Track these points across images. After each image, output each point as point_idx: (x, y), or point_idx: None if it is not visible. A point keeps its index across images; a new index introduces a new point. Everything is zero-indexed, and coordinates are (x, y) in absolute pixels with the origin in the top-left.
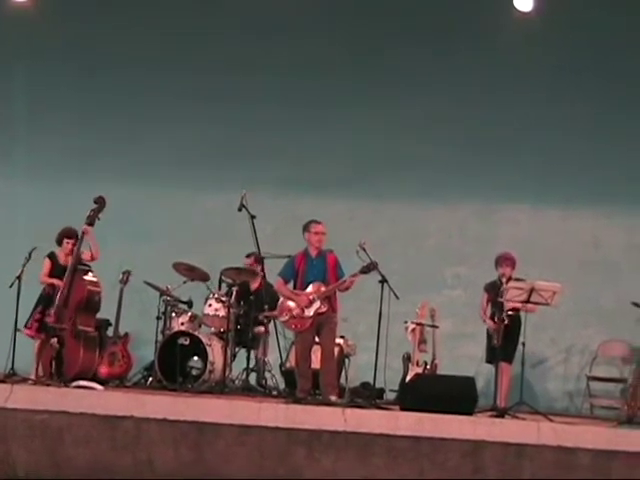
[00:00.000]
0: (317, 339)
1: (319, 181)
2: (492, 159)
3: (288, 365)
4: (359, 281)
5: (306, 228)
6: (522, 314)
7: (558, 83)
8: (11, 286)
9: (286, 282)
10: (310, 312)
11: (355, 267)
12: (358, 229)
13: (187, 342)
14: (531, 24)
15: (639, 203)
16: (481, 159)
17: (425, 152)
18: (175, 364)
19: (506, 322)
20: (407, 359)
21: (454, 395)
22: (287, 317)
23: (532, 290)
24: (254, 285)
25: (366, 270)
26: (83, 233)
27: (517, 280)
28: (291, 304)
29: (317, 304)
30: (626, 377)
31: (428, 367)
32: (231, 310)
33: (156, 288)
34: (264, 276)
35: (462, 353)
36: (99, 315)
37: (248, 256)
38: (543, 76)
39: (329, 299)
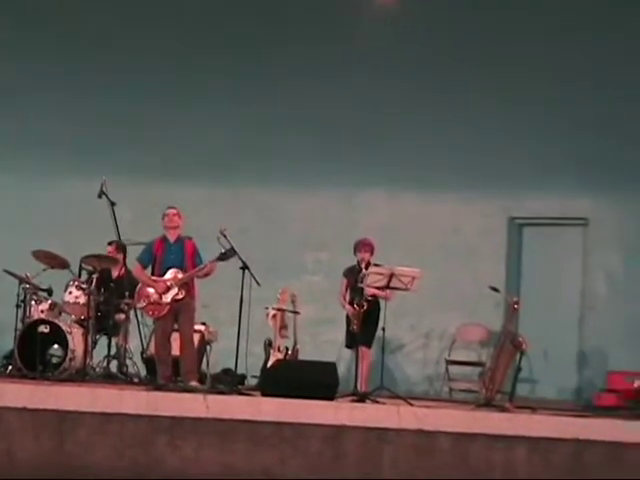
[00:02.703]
0: (176, 326)
1: (179, 167)
2: (350, 145)
3: (149, 352)
4: (220, 267)
5: (164, 215)
6: (381, 299)
7: (422, 69)
8: None
9: (144, 267)
10: (167, 298)
11: (216, 254)
12: (219, 215)
13: (47, 330)
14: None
15: (495, 188)
16: (340, 145)
17: (284, 139)
18: (35, 352)
19: (365, 307)
20: (268, 345)
21: (315, 380)
22: (145, 303)
23: (392, 275)
24: (116, 273)
25: (223, 257)
26: None
27: (376, 266)
28: (149, 290)
29: (174, 290)
30: (484, 361)
31: (289, 353)
32: (91, 297)
33: (15, 276)
34: (125, 264)
35: (323, 338)
36: None
37: (110, 244)
38: (408, 63)
39: (187, 285)
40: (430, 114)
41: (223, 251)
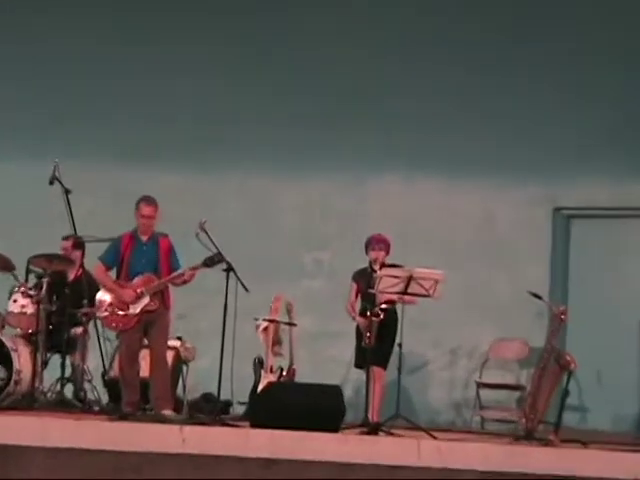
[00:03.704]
0: (146, 341)
1: (149, 147)
2: (360, 120)
3: (112, 374)
4: (199, 270)
5: (136, 207)
6: (398, 308)
7: (447, 35)
8: None
9: (108, 269)
10: (136, 309)
11: (195, 252)
12: (198, 206)
13: None
14: None
15: (536, 171)
16: (347, 121)
17: (277, 113)
18: None
19: (380, 318)
20: (259, 364)
21: (316, 408)
22: (107, 313)
23: (410, 278)
24: (72, 276)
25: (208, 263)
26: None
27: (392, 267)
28: (114, 298)
29: (146, 299)
30: (523, 384)
31: (284, 374)
32: (41, 306)
33: None
34: (83, 264)
35: (326, 356)
36: None
37: (66, 239)
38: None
39: (161, 294)
40: (455, 84)
41: (208, 256)
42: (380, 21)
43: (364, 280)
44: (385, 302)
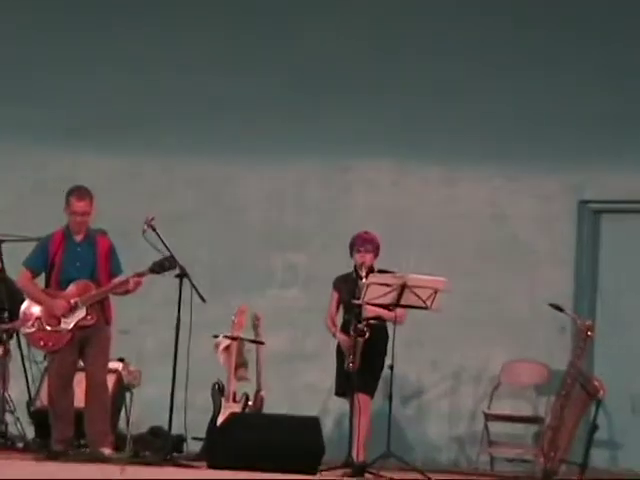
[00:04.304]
0: (81, 363)
1: (81, 126)
2: (344, 95)
3: (39, 403)
4: (147, 277)
5: (66, 200)
6: (390, 324)
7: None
8: None
9: (34, 275)
10: (70, 324)
11: (140, 254)
12: (144, 197)
13: None
14: None
15: (558, 158)
16: (328, 95)
17: (242, 87)
18: None
19: (366, 335)
20: (218, 391)
21: (289, 445)
22: (34, 329)
23: (404, 287)
24: None
25: (158, 268)
26: None
27: (382, 272)
28: (42, 310)
29: (81, 312)
30: (541, 415)
31: (250, 403)
32: None
33: None
34: (2, 269)
35: (301, 381)
36: None
37: None
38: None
39: (100, 305)
40: (460, 55)
41: (157, 260)
42: None
43: (347, 288)
44: (373, 317)
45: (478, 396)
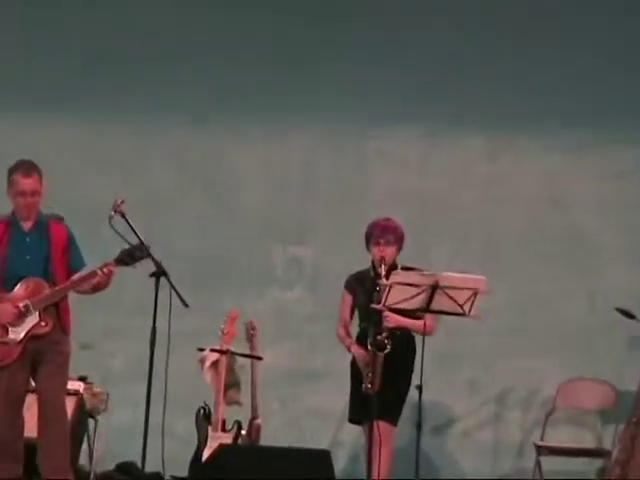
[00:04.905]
0: (33, 383)
1: (27, 89)
2: (347, 49)
3: None
4: (118, 275)
5: (8, 179)
6: (417, 334)
7: None
8: None
9: None
10: (20, 333)
11: (106, 248)
12: (110, 174)
13: None
14: None
15: (625, 125)
16: (328, 50)
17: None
18: None
19: (388, 349)
20: (204, 418)
21: None
22: None
23: (435, 288)
24: None
25: (128, 258)
26: None
27: (407, 270)
28: None
29: (33, 318)
30: (607, 448)
31: (243, 432)
32: None
33: None
34: None
35: (307, 406)
36: None
37: None
38: None
39: (56, 310)
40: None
41: (127, 248)
42: None
43: (364, 290)
44: (396, 327)
45: (528, 424)
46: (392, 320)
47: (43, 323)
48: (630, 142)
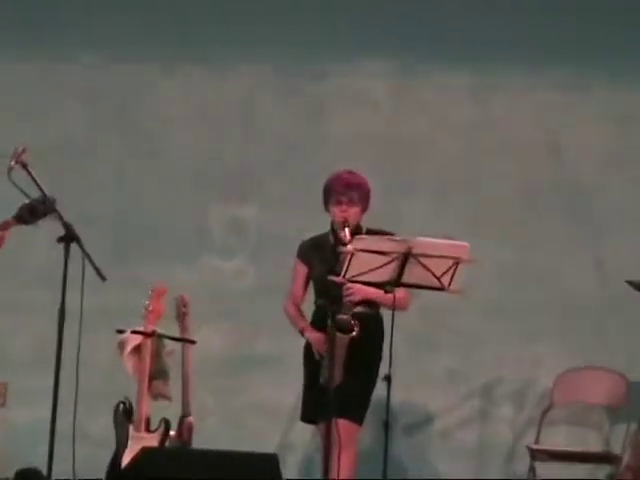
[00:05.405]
0: None
1: None
2: None
3: None
4: (14, 236)
5: None
6: (385, 312)
7: None
8: None
9: None
10: None
11: (4, 206)
12: (8, 116)
13: None
14: None
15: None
16: None
17: None
18: None
19: (354, 332)
20: (124, 415)
21: None
22: None
23: (407, 256)
24: None
25: (28, 215)
26: None
27: (373, 234)
28: None
29: None
30: (615, 451)
31: (172, 433)
32: None
33: None
34: None
35: (250, 400)
36: None
37: None
38: None
39: None
40: None
41: (27, 204)
42: None
43: (321, 259)
44: (361, 301)
45: (520, 423)
46: (357, 292)
47: None
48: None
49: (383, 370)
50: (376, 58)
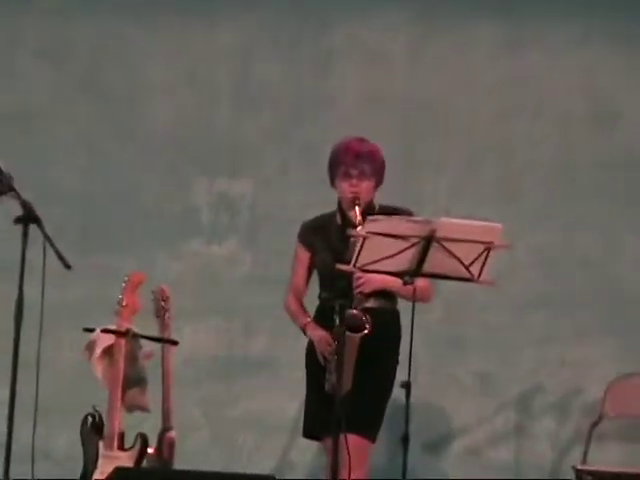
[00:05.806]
0: None
1: None
2: None
3: None
4: None
5: None
6: (403, 306)
7: None
8: None
9: None
10: None
11: None
12: None
13: None
14: None
15: None
16: None
17: None
18: None
19: (365, 330)
20: (94, 429)
21: None
22: None
23: (430, 240)
24: None
25: None
26: None
27: (389, 214)
28: None
29: None
30: None
31: (150, 450)
32: None
33: None
34: None
35: (243, 411)
36: None
37: None
38: None
39: None
40: None
41: None
42: None
43: (327, 244)
44: (373, 292)
45: (563, 440)
46: (369, 282)
47: None
48: None
49: (401, 376)
50: (391, 6)
